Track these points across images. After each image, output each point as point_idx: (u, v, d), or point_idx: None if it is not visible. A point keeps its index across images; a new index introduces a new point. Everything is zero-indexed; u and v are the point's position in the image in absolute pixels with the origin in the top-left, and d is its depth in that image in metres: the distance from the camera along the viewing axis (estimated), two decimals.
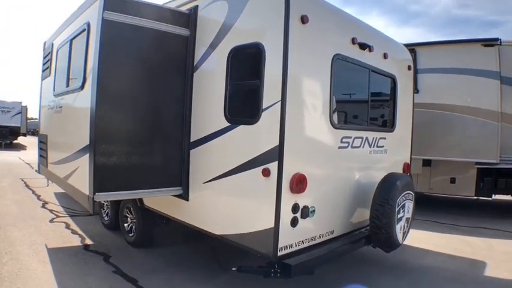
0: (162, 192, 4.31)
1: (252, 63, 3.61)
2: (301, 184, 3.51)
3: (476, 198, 9.28)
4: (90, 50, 4.08)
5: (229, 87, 3.85)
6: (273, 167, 3.37)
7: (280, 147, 3.33)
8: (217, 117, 3.92)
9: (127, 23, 3.83)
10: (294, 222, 3.54)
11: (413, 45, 8.56)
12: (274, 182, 3.36)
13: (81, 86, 4.32)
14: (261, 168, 3.45)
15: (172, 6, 4.57)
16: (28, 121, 32.33)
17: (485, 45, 7.86)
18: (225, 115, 3.85)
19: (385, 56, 4.82)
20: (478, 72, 7.91)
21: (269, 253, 3.42)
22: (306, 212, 3.64)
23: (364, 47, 4.35)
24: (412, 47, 8.29)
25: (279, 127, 3.33)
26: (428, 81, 8.46)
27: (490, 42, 7.81)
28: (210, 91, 4.09)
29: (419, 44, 8.77)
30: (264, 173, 3.42)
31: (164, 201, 4.70)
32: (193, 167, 4.28)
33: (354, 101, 4.92)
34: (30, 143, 28.12)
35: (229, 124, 3.82)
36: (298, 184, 3.48)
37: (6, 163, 15.84)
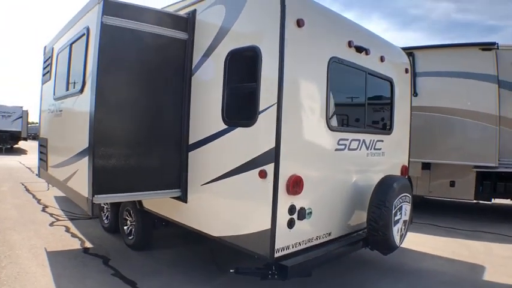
0: (160, 194, 4.33)
1: (248, 66, 3.65)
2: (297, 186, 3.53)
3: (476, 202, 9.24)
4: (89, 54, 4.12)
5: (226, 90, 3.88)
6: (269, 168, 3.39)
7: (276, 149, 3.36)
8: (215, 120, 3.95)
9: (126, 27, 3.88)
10: (290, 224, 3.55)
11: (411, 48, 8.61)
12: (270, 183, 3.38)
13: (81, 90, 4.36)
14: (257, 170, 3.48)
15: (171, 10, 4.63)
16: (29, 125, 32.28)
17: (483, 49, 7.91)
18: (222, 117, 3.88)
19: (382, 59, 4.85)
20: (475, 76, 7.94)
21: (266, 254, 3.44)
22: (303, 214, 3.65)
23: (360, 50, 4.38)
24: (410, 51, 8.35)
25: (275, 129, 3.36)
26: (427, 85, 8.50)
27: (488, 47, 7.86)
28: (208, 94, 4.12)
29: (417, 48, 8.80)
30: (261, 174, 3.44)
31: (163, 204, 4.73)
32: (191, 169, 4.31)
33: (350, 103, 4.94)
34: (31, 147, 28.05)
35: (226, 126, 3.85)
36: (295, 186, 3.50)
37: (7, 167, 15.85)
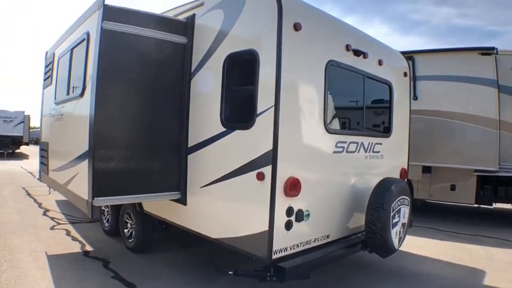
0: (160, 196, 4.36)
1: (246, 70, 3.67)
2: (295, 188, 3.55)
3: (478, 206, 9.21)
4: (89, 59, 4.16)
5: (225, 93, 3.92)
6: (267, 170, 3.41)
7: (273, 152, 3.38)
8: (213, 123, 3.98)
9: (125, 32, 3.93)
10: (288, 226, 3.57)
11: (411, 52, 8.66)
12: (268, 185, 3.40)
13: (81, 94, 4.39)
14: (255, 172, 3.50)
15: (170, 15, 4.68)
16: (31, 130, 32.33)
17: (482, 54, 7.94)
18: (221, 120, 3.91)
19: (380, 63, 4.88)
20: (475, 80, 7.96)
21: (263, 256, 3.45)
22: (301, 216, 3.67)
23: (358, 53, 4.41)
24: (410, 55, 8.39)
25: (273, 132, 3.38)
26: (427, 89, 8.52)
27: (487, 51, 7.89)
28: (207, 97, 4.16)
29: (417, 52, 8.84)
30: (259, 176, 3.46)
31: (163, 206, 4.75)
32: (190, 172, 4.34)
33: (349, 106, 4.97)
34: (33, 152, 28.16)
35: (225, 129, 3.88)
36: (292, 188, 3.52)
37: (8, 172, 15.90)
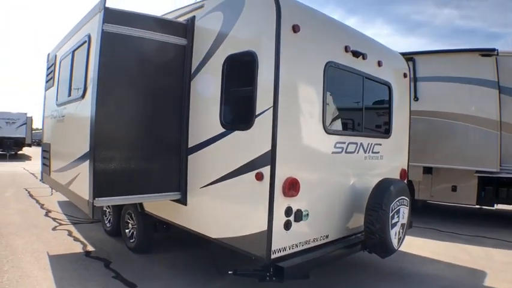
0: (161, 197, 4.39)
1: (245, 71, 3.70)
2: (293, 188, 3.57)
3: (479, 207, 9.19)
4: (90, 60, 4.20)
5: (224, 94, 3.95)
6: (265, 171, 3.44)
7: (272, 152, 3.41)
8: (213, 124, 4.00)
9: (126, 34, 3.96)
10: (287, 226, 3.59)
11: (412, 53, 8.67)
12: (267, 185, 3.42)
13: (82, 95, 4.43)
14: (254, 172, 3.52)
15: (170, 17, 4.72)
16: (33, 132, 32.41)
17: (483, 55, 7.94)
18: (220, 121, 3.94)
19: (380, 64, 4.90)
20: (476, 81, 7.97)
21: (262, 256, 3.47)
22: (300, 216, 3.69)
23: (357, 54, 4.43)
24: (411, 56, 8.41)
25: (271, 132, 3.41)
26: (428, 89, 8.53)
27: (488, 53, 7.89)
28: (207, 98, 4.19)
29: (418, 53, 8.85)
30: (258, 177, 3.49)
31: (164, 206, 4.78)
32: (191, 172, 4.37)
33: (348, 107, 4.98)
34: (35, 153, 28.26)
35: (224, 130, 3.90)
36: (291, 188, 3.54)
37: (11, 173, 15.97)
